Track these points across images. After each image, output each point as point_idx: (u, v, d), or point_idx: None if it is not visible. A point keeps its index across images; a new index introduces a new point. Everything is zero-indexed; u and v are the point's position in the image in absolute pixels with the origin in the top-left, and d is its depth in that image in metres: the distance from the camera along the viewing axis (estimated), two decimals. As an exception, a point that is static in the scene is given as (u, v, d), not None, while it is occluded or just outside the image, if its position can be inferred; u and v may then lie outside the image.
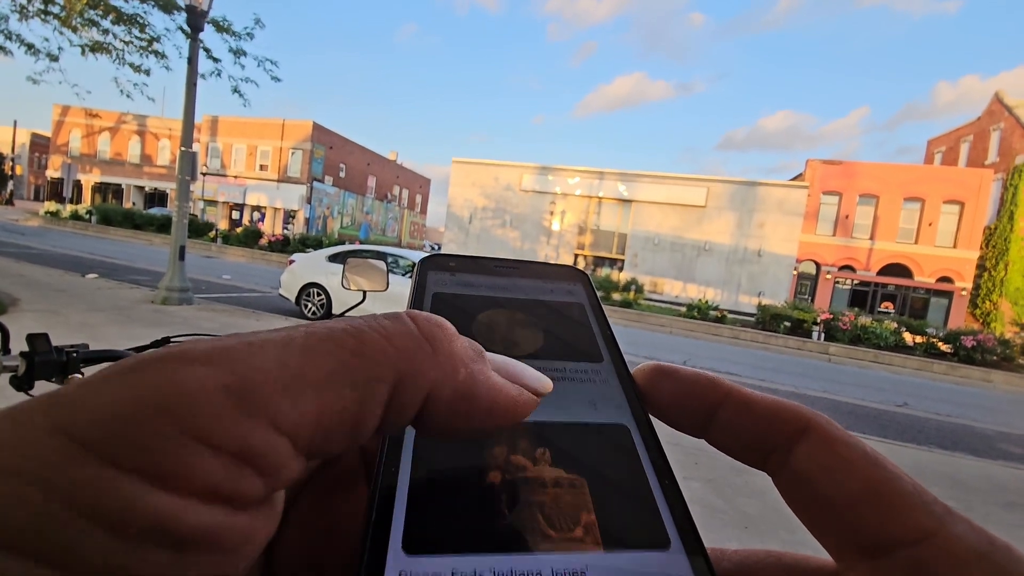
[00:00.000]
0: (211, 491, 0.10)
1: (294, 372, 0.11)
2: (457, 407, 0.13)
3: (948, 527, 0.14)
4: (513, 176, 27.08)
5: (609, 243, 26.13)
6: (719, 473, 3.25)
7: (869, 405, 6.92)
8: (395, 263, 7.36)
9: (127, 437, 0.09)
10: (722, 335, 13.71)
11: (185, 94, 6.51)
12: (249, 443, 0.10)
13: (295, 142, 30.02)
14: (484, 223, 27.78)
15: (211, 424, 0.10)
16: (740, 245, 24.09)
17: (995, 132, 24.39)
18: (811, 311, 14.29)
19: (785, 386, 7.53)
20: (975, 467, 4.41)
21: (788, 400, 0.18)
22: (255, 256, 17.96)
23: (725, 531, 2.51)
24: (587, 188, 25.82)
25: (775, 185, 23.88)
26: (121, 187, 34.42)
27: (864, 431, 5.27)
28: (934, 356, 12.92)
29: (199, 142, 31.33)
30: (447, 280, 0.24)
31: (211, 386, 0.10)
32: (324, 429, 0.11)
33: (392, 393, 0.12)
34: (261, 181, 30.66)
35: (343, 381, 0.11)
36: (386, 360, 0.12)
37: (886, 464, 0.15)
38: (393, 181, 40.79)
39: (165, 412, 0.10)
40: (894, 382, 10.09)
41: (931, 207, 22.31)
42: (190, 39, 6.32)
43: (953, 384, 11.27)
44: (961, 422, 6.67)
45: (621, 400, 0.20)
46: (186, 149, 6.54)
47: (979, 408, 8.12)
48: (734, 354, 10.91)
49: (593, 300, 0.26)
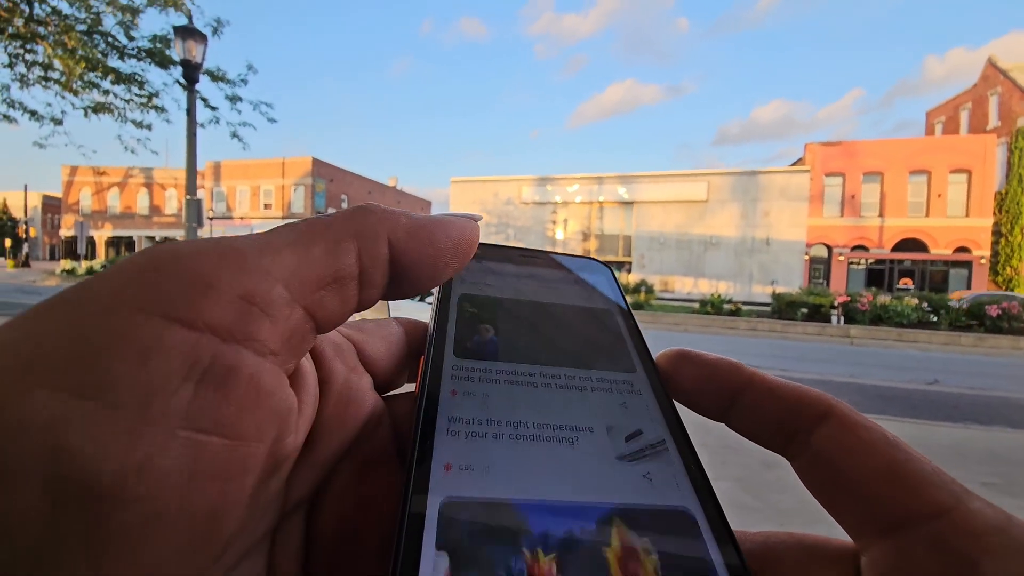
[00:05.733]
0: (223, 328, 0.12)
1: (273, 239, 0.14)
2: (417, 242, 0.16)
3: (965, 503, 0.14)
4: (512, 190, 27.28)
5: (614, 246, 26.06)
6: (748, 471, 3.17)
7: (898, 386, 6.72)
8: None
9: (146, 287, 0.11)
10: (739, 328, 13.51)
11: (186, 145, 6.70)
12: (248, 287, 0.12)
13: (296, 179, 30.74)
14: (488, 238, 27.67)
15: (213, 271, 0.12)
16: (747, 235, 23.87)
17: (993, 97, 24.10)
18: (827, 295, 14.04)
19: (810, 374, 7.36)
20: (1016, 439, 4.23)
21: (809, 387, 0.18)
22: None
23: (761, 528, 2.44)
24: (587, 194, 25.90)
25: (776, 172, 23.73)
26: (133, 239, 35.36)
27: (895, 413, 5.11)
28: (959, 328, 12.58)
29: (204, 188, 32.18)
30: (474, 267, 0.24)
31: (207, 250, 0.12)
32: (310, 279, 0.14)
33: (359, 248, 0.15)
34: (266, 220, 31.33)
35: (312, 240, 0.14)
36: (345, 224, 0.15)
37: (905, 447, 0.16)
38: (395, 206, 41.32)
39: (175, 266, 0.12)
40: (921, 359, 9.83)
41: (938, 178, 21.96)
42: (187, 91, 6.52)
43: (983, 356, 10.95)
44: (996, 394, 6.45)
45: (656, 412, 0.20)
46: (191, 197, 6.71)
47: (1013, 378, 7.86)
48: (753, 346, 10.72)
49: (621, 299, 0.26)
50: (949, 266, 22.24)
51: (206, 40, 6.26)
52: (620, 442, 0.18)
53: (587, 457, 0.17)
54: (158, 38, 6.85)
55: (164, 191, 35.03)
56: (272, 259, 0.13)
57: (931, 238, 22.21)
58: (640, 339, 0.23)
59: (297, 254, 0.14)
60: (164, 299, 0.11)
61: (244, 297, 0.12)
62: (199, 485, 0.11)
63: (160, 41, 6.86)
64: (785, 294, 14.83)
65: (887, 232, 22.68)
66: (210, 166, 32.47)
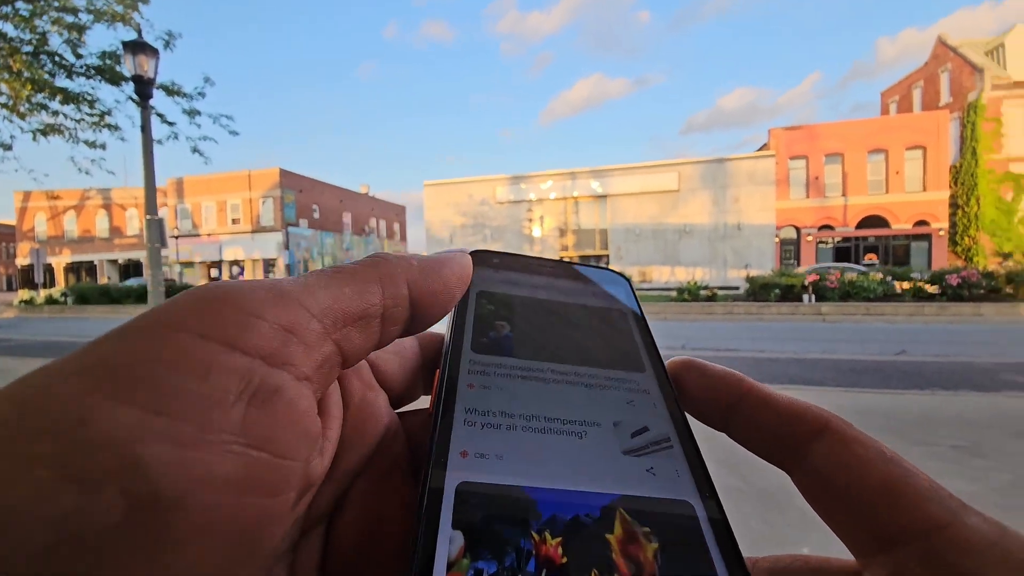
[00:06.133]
0: (268, 354, 0.13)
1: (310, 281, 0.16)
2: (429, 280, 0.18)
3: (961, 518, 0.14)
4: (486, 190, 27.24)
5: (591, 240, 26.29)
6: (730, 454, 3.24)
7: (868, 358, 6.97)
8: None
9: (204, 316, 0.13)
10: (716, 313, 13.80)
11: (143, 162, 6.47)
12: (289, 319, 0.14)
13: (264, 191, 29.98)
14: (466, 240, 27.83)
15: (260, 306, 0.14)
16: (719, 222, 24.40)
17: (944, 74, 25.11)
18: (798, 275, 14.45)
19: (785, 353, 7.56)
20: (982, 402, 4.42)
21: (805, 400, 0.18)
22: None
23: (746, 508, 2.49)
24: (561, 190, 26.05)
25: (743, 158, 24.30)
26: (94, 263, 33.96)
27: (867, 385, 5.30)
28: (922, 299, 13.12)
29: (167, 206, 31.11)
30: (491, 276, 0.25)
31: (257, 287, 0.14)
32: (341, 314, 0.15)
33: (383, 289, 0.17)
34: (235, 235, 30.50)
35: (343, 282, 0.16)
36: (369, 270, 0.17)
37: (902, 462, 0.16)
38: (369, 214, 40.78)
39: (227, 300, 0.13)
40: (889, 331, 10.21)
41: (895, 156, 22.84)
42: (141, 107, 6.30)
43: (946, 324, 11.44)
44: (960, 360, 6.74)
45: (663, 412, 0.20)
46: (152, 217, 6.47)
47: (975, 343, 8.23)
48: (730, 330, 10.96)
49: (635, 305, 0.26)
50: (910, 240, 23.16)
51: (157, 54, 6.05)
52: (626, 437, 0.19)
53: (594, 450, 0.18)
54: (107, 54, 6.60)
55: (124, 211, 33.74)
56: (310, 297, 0.15)
57: (892, 214, 23.10)
58: (651, 342, 0.24)
59: (331, 294, 0.15)
60: (221, 327, 0.13)
61: (286, 328, 0.14)
62: (248, 498, 0.12)
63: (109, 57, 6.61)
64: (758, 277, 15.22)
65: (851, 211, 23.48)
66: (172, 183, 31.40)
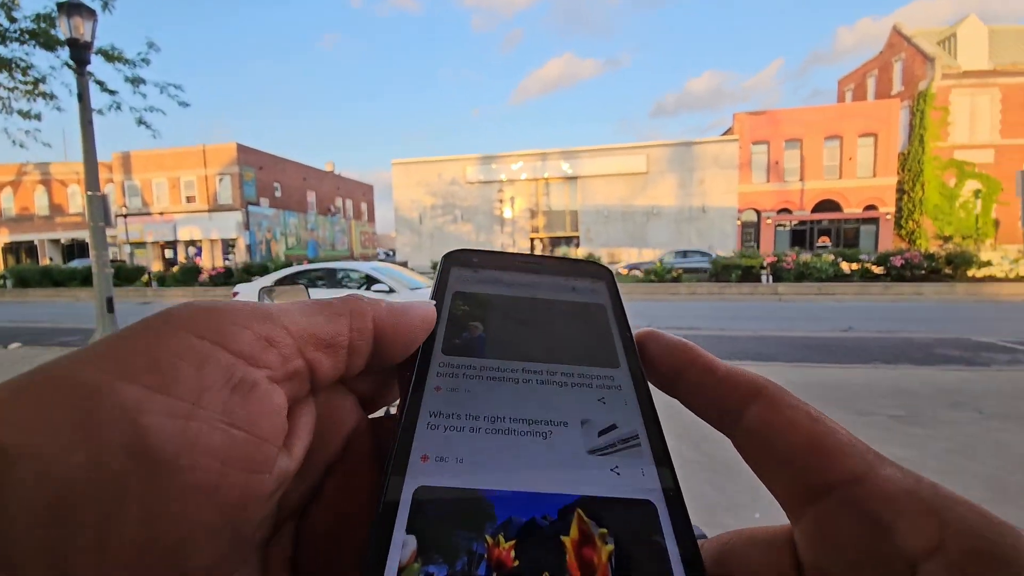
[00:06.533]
0: (250, 357, 0.16)
1: (290, 307, 0.18)
2: (394, 320, 0.20)
3: (877, 469, 0.16)
4: (456, 170, 26.81)
5: (562, 222, 26.43)
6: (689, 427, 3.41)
7: (819, 335, 7.40)
8: (347, 277, 7.18)
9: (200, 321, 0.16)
10: (680, 293, 14.25)
11: (82, 134, 6.01)
12: (269, 332, 0.17)
13: (220, 168, 28.42)
14: (435, 221, 27.44)
15: (246, 319, 0.17)
16: (685, 204, 24.95)
17: (897, 63, 26.13)
18: (757, 256, 15.03)
19: (745, 332, 7.92)
20: (918, 375, 4.73)
21: (745, 369, 0.20)
22: (197, 293, 17.01)
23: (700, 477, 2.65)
24: (532, 171, 25.93)
25: (708, 142, 24.79)
26: (34, 243, 31.61)
27: (817, 359, 5.64)
28: (870, 279, 13.94)
29: (112, 182, 29.11)
30: (469, 277, 0.25)
31: (246, 306, 0.17)
32: (312, 337, 0.18)
33: (350, 321, 0.19)
34: (191, 214, 28.94)
35: (317, 311, 0.19)
36: (341, 304, 0.20)
37: (825, 421, 0.17)
38: (334, 193, 39.47)
39: (219, 311, 0.16)
40: (838, 310, 10.81)
41: (849, 142, 23.82)
42: (77, 74, 5.84)
43: (890, 302, 12.20)
44: (901, 335, 7.24)
45: (634, 408, 0.21)
46: (93, 193, 6.06)
47: (915, 320, 8.84)
48: (694, 309, 11.36)
49: (615, 299, 0.26)
50: (860, 223, 24.40)
51: (95, 16, 5.58)
52: (593, 436, 0.19)
53: (558, 450, 0.18)
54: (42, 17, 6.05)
55: (66, 188, 31.38)
56: (288, 318, 0.18)
57: (844, 198, 24.22)
58: (629, 336, 0.24)
59: (306, 319, 0.18)
60: (213, 331, 0.16)
61: (266, 339, 0.17)
62: (231, 469, 0.14)
63: (44, 20, 6.07)
64: (720, 258, 15.73)
65: (807, 195, 24.46)
66: (118, 157, 29.32)
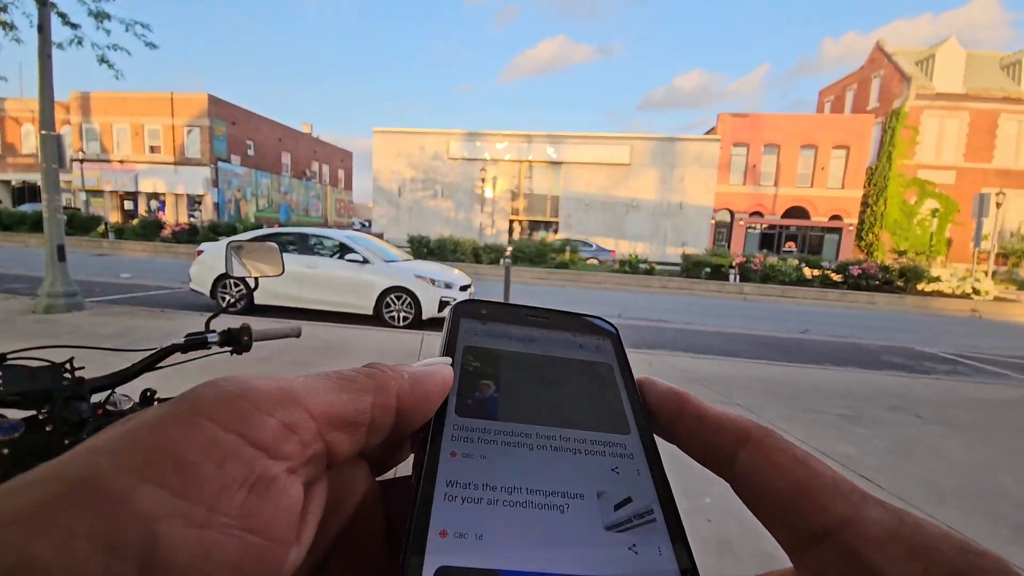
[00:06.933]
0: (271, 448, 0.16)
1: (316, 385, 0.18)
2: (416, 390, 0.20)
3: (862, 512, 0.16)
4: (440, 144, 26.30)
5: (542, 206, 26.44)
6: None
7: (778, 335, 7.80)
8: (320, 243, 7.07)
9: (225, 409, 0.15)
10: (652, 286, 14.61)
11: (39, 68, 5.61)
12: (291, 418, 0.16)
13: (189, 119, 26.89)
14: (415, 195, 26.96)
15: (272, 405, 0.16)
16: (664, 200, 25.36)
17: (876, 79, 26.98)
18: (727, 256, 15.53)
19: (709, 327, 8.25)
20: (864, 378, 5.08)
21: (734, 412, 0.20)
22: (158, 249, 16.26)
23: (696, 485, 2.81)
24: (516, 152, 25.72)
25: (692, 140, 25.14)
26: (-19, 182, 29.43)
27: (774, 358, 5.97)
28: (828, 286, 14.65)
29: (69, 124, 27.17)
30: (478, 330, 0.25)
31: (272, 388, 0.17)
32: (334, 418, 0.18)
33: (375, 399, 0.19)
34: (154, 165, 27.39)
35: (342, 392, 0.18)
36: (366, 380, 0.19)
37: (810, 463, 0.17)
38: (311, 156, 38.08)
39: (245, 396, 0.16)
40: (798, 312, 11.36)
41: (823, 152, 24.64)
42: (39, 4, 5.41)
43: (844, 309, 12.90)
44: (851, 341, 7.72)
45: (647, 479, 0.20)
46: (48, 132, 5.68)
47: (866, 328, 9.41)
48: (663, 302, 11.70)
49: (622, 359, 0.26)
50: (825, 232, 25.47)
51: (62, -58, 5.17)
52: (609, 510, 0.19)
53: (576, 526, 0.18)
54: (4, -62, 5.55)
55: (20, 127, 29.13)
56: (312, 399, 0.17)
57: (813, 206, 25.15)
58: (637, 399, 0.24)
59: (330, 398, 0.18)
60: (238, 421, 0.15)
61: (288, 426, 0.16)
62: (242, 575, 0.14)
63: (6, -58, 5.58)
64: (693, 255, 16.17)
65: (779, 200, 25.27)
66: (76, 97, 27.31)
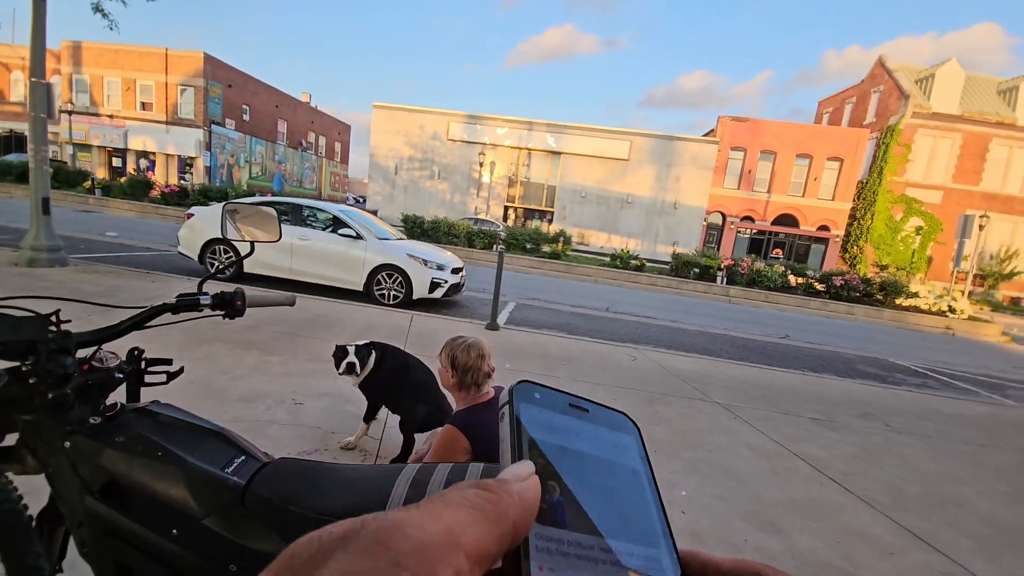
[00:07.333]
0: None
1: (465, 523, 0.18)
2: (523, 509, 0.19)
3: None
4: (440, 124, 26.01)
5: (539, 195, 26.42)
6: (633, 407, 3.74)
7: (759, 339, 8.04)
8: (313, 216, 7.08)
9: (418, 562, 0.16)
10: (641, 282, 14.83)
11: (32, 12, 5.44)
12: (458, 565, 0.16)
13: (183, 77, 26.11)
14: (411, 174, 26.71)
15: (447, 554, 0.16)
16: (659, 198, 25.53)
17: (875, 94, 27.27)
18: (716, 258, 15.78)
19: (694, 326, 8.46)
20: (839, 385, 5.32)
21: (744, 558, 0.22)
22: (146, 210, 15.95)
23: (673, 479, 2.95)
24: (516, 139, 25.58)
25: (690, 140, 25.25)
26: (-39, 127, 28.33)
27: (754, 360, 6.18)
28: (811, 294, 15.02)
29: (60, 74, 26.22)
30: (535, 419, 0.24)
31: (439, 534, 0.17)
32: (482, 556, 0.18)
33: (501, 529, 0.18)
34: (145, 123, 26.62)
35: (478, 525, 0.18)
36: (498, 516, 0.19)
37: None
38: (308, 127, 37.33)
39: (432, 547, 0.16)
40: (780, 318, 11.67)
41: (817, 163, 24.97)
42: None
43: (825, 317, 13.27)
44: (829, 349, 8.00)
45: None
46: (37, 80, 5.54)
47: (844, 337, 9.73)
48: (651, 299, 11.91)
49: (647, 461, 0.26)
50: (812, 241, 25.95)
51: None
52: None
53: None
54: None
55: (9, 72, 27.97)
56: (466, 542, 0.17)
57: (803, 215, 25.56)
58: (661, 505, 0.24)
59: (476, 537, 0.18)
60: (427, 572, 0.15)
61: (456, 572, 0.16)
62: None
63: None
64: (683, 255, 16.40)
65: (771, 207, 25.62)
66: (67, 46, 26.32)
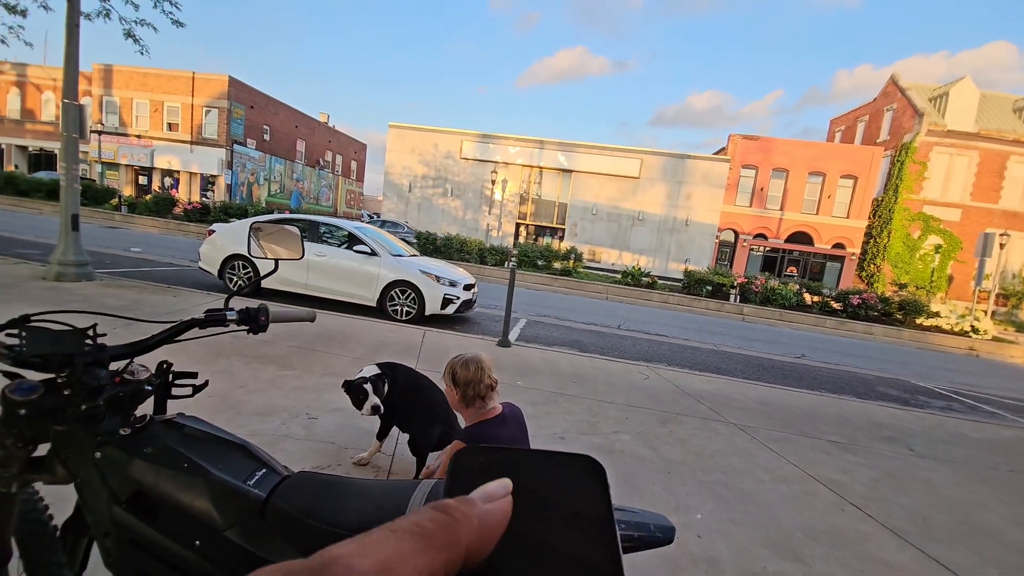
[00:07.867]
0: None
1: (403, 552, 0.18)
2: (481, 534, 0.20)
3: None
4: (453, 143, 26.48)
5: (550, 213, 26.59)
6: (646, 427, 3.68)
7: (775, 358, 7.90)
8: (329, 233, 7.20)
9: None
10: (652, 300, 14.72)
11: (66, 36, 5.73)
12: None
13: (209, 99, 27.11)
14: (425, 192, 27.12)
15: None
16: (670, 215, 25.51)
17: (888, 113, 27.16)
18: (729, 276, 15.64)
19: (707, 344, 8.35)
20: (858, 407, 5.16)
21: None
22: (169, 226, 16.41)
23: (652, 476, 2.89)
24: (528, 157, 25.89)
25: (701, 158, 25.31)
26: (0, 147, 29.62)
27: (770, 380, 6.08)
28: (827, 313, 14.75)
29: (91, 95, 27.39)
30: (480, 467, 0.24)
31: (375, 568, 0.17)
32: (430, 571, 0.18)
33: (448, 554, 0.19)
34: (171, 143, 27.59)
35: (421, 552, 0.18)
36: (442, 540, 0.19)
37: None
38: (325, 146, 38.28)
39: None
40: (795, 337, 11.46)
41: (831, 181, 24.79)
42: (70, -29, 5.56)
43: (842, 337, 12.99)
44: (847, 369, 7.82)
45: None
46: (70, 101, 5.80)
47: (862, 357, 9.51)
48: (663, 316, 11.81)
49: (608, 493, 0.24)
50: (827, 259, 25.59)
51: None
52: None
53: None
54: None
55: (40, 93, 29.32)
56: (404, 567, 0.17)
57: (817, 233, 25.28)
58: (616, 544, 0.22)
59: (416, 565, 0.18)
60: None
61: None
62: None
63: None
64: (695, 272, 16.28)
65: (784, 224, 25.41)
66: (99, 69, 27.55)
